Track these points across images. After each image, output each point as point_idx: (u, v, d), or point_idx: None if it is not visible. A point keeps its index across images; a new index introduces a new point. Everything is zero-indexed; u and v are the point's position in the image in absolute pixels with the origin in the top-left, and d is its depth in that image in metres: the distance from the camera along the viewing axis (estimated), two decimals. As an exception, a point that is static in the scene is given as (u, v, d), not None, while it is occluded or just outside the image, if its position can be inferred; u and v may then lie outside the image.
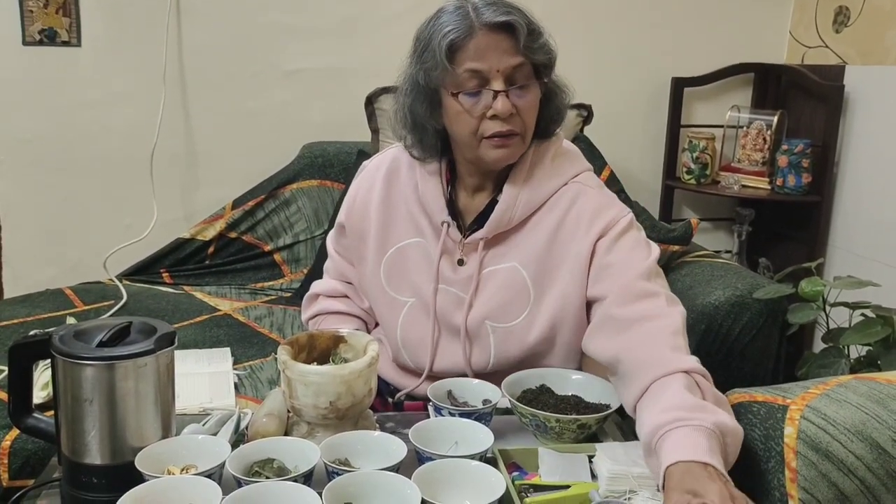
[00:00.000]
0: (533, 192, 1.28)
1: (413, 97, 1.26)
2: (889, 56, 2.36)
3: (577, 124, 2.38)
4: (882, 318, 1.76)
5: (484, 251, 1.30)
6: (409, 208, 1.35)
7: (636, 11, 2.66)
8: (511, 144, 1.23)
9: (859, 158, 2.46)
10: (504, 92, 1.19)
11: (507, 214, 1.28)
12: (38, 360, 1.09)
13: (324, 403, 1.07)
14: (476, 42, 1.18)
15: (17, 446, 1.48)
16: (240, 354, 1.85)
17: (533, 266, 1.28)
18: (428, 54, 1.21)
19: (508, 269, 1.29)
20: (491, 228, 1.28)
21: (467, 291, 1.30)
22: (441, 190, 1.32)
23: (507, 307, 1.29)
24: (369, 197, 1.38)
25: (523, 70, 1.21)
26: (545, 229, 1.28)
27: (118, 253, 2.34)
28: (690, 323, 1.86)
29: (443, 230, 1.31)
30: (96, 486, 1.00)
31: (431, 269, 1.32)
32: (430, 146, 1.30)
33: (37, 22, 2.33)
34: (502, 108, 1.19)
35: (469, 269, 1.31)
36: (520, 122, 1.22)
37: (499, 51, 1.18)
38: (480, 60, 1.18)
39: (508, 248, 1.30)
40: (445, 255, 1.32)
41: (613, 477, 1.03)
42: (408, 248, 1.35)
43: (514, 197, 1.28)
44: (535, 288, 1.28)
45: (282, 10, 2.46)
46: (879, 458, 1.03)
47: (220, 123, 2.51)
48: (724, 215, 2.87)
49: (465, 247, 1.31)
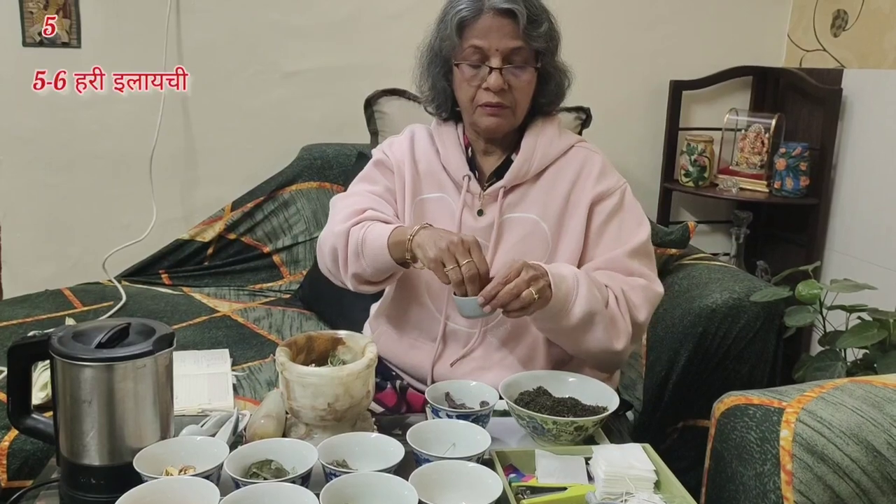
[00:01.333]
0: (547, 148, 1.42)
1: (430, 59, 1.44)
2: (887, 59, 2.37)
3: (576, 127, 2.38)
4: (879, 322, 1.76)
5: (503, 199, 1.41)
6: (431, 168, 1.47)
7: (634, 14, 2.67)
8: (500, 115, 1.37)
9: (857, 162, 2.46)
10: (499, 69, 1.34)
11: (526, 166, 1.41)
12: (37, 360, 1.10)
13: (322, 405, 1.08)
14: (482, 22, 1.34)
15: (15, 447, 1.48)
16: (238, 356, 1.86)
17: (551, 219, 1.40)
18: (443, 25, 1.39)
19: (528, 221, 1.41)
20: (511, 178, 1.41)
21: (489, 239, 1.40)
22: (461, 150, 1.45)
23: (528, 254, 1.37)
24: (401, 149, 1.49)
25: (521, 52, 1.35)
26: (562, 184, 1.41)
27: (117, 254, 2.34)
28: (687, 325, 1.87)
29: (464, 183, 1.42)
30: (95, 486, 1.00)
31: (454, 219, 1.42)
32: (445, 104, 1.47)
33: (37, 23, 2.34)
34: (494, 83, 1.34)
35: (489, 218, 1.41)
36: (511, 97, 1.37)
37: (500, 33, 1.33)
38: (483, 39, 1.34)
39: (525, 198, 1.42)
40: (466, 208, 1.43)
41: (610, 479, 1.03)
42: (431, 202, 1.46)
43: (531, 149, 1.41)
44: (553, 238, 1.40)
45: (281, 11, 2.47)
46: (875, 460, 1.03)
47: (220, 124, 2.51)
48: (722, 218, 2.87)
49: (484, 198, 1.42)
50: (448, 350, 1.42)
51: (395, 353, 1.48)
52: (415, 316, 1.46)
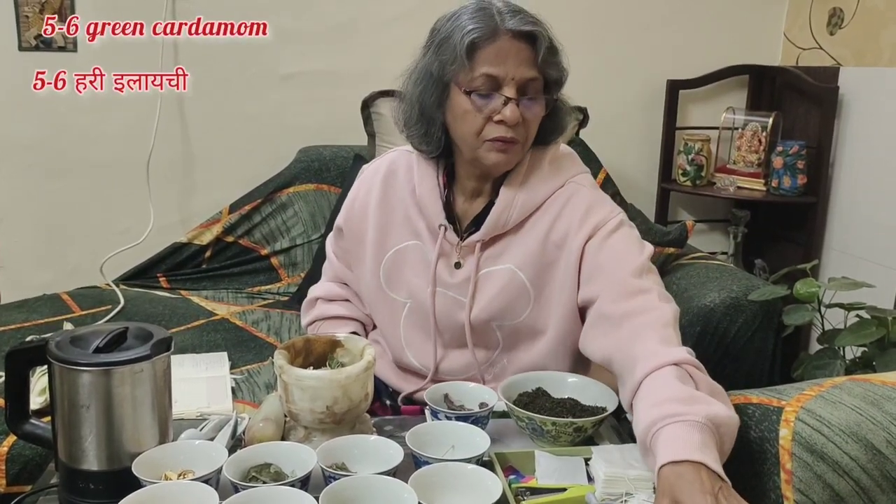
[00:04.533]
0: (529, 195, 1.29)
1: (423, 87, 1.27)
2: (883, 57, 2.37)
3: (573, 127, 2.38)
4: (877, 320, 1.76)
5: (480, 253, 1.31)
6: (406, 211, 1.36)
7: (631, 14, 2.67)
8: (510, 151, 1.25)
9: (854, 160, 2.47)
10: (515, 100, 1.20)
11: (504, 216, 1.29)
12: (34, 365, 1.09)
13: (320, 408, 1.07)
14: (497, 46, 1.19)
15: (14, 452, 1.48)
16: (237, 359, 1.85)
17: (529, 268, 1.29)
18: (447, 47, 1.22)
19: (505, 272, 1.30)
20: (487, 230, 1.29)
21: (465, 294, 1.31)
22: (438, 193, 1.33)
23: (510, 307, 1.30)
24: (367, 200, 1.39)
25: (536, 83, 1.22)
26: (540, 230, 1.29)
27: (115, 258, 2.34)
28: (686, 325, 1.87)
29: (440, 233, 1.32)
30: (93, 491, 1.00)
31: (428, 272, 1.32)
32: (435, 139, 1.30)
33: (32, 27, 2.33)
34: (511, 116, 1.20)
35: (466, 272, 1.32)
36: (522, 131, 1.24)
37: (518, 59, 1.20)
38: (499, 65, 1.19)
39: (504, 250, 1.31)
40: (442, 258, 1.33)
41: (610, 479, 1.03)
42: (405, 251, 1.36)
43: (510, 199, 1.29)
44: (535, 288, 1.30)
45: (278, 14, 2.47)
46: (874, 459, 1.03)
47: (217, 127, 2.51)
48: (720, 217, 2.88)
49: (462, 249, 1.32)
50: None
51: (391, 379, 1.44)
52: (405, 362, 1.40)
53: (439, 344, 1.36)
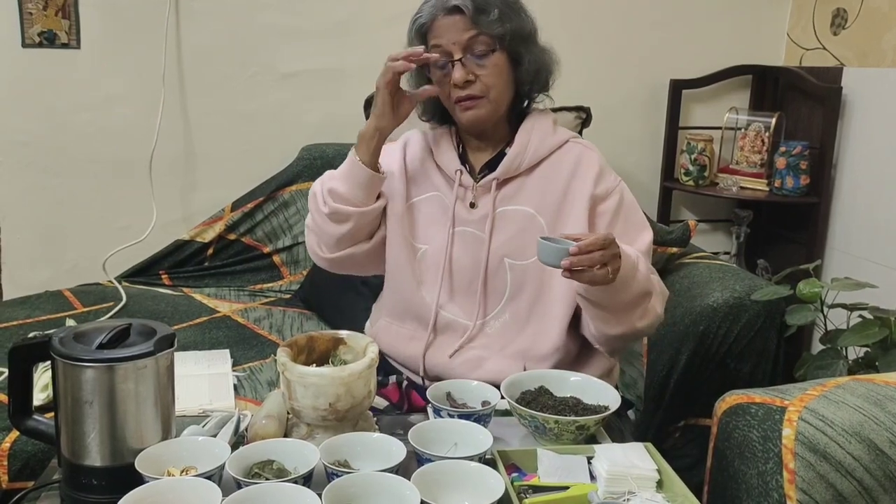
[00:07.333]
0: (541, 142, 1.42)
1: (410, 73, 1.44)
2: (886, 58, 2.37)
3: (576, 126, 2.38)
4: (880, 320, 1.76)
5: (496, 191, 1.41)
6: (423, 169, 1.48)
7: (634, 14, 2.67)
8: (476, 106, 1.38)
9: (857, 160, 2.46)
10: (459, 60, 1.36)
11: (519, 158, 1.41)
12: (38, 362, 1.09)
13: (323, 405, 1.08)
14: (437, 23, 1.38)
15: (17, 448, 1.48)
16: (239, 356, 1.86)
17: (549, 213, 1.40)
18: (409, 37, 1.44)
19: (524, 214, 1.41)
20: (504, 170, 1.41)
21: (483, 230, 1.40)
22: (453, 146, 1.46)
23: (525, 246, 1.39)
24: (389, 160, 1.49)
25: (480, 41, 1.36)
26: (559, 178, 1.41)
27: (117, 255, 2.34)
28: (688, 324, 1.87)
29: (456, 177, 1.43)
30: (96, 487, 1.00)
31: (447, 213, 1.43)
32: (430, 110, 1.49)
33: (36, 24, 2.34)
34: (457, 76, 1.36)
35: (483, 210, 1.42)
36: (480, 86, 1.37)
37: (454, 28, 1.36)
38: (441, 37, 1.37)
39: (520, 192, 1.42)
40: (459, 201, 1.43)
41: (612, 478, 1.03)
42: (423, 202, 1.47)
43: (524, 142, 1.42)
44: (551, 233, 1.39)
45: (280, 12, 2.46)
46: (877, 459, 1.03)
47: (219, 125, 2.51)
48: (723, 217, 2.87)
49: (477, 190, 1.43)
50: (445, 341, 1.42)
51: (393, 345, 1.48)
52: (410, 307, 1.45)
53: (448, 287, 1.43)
